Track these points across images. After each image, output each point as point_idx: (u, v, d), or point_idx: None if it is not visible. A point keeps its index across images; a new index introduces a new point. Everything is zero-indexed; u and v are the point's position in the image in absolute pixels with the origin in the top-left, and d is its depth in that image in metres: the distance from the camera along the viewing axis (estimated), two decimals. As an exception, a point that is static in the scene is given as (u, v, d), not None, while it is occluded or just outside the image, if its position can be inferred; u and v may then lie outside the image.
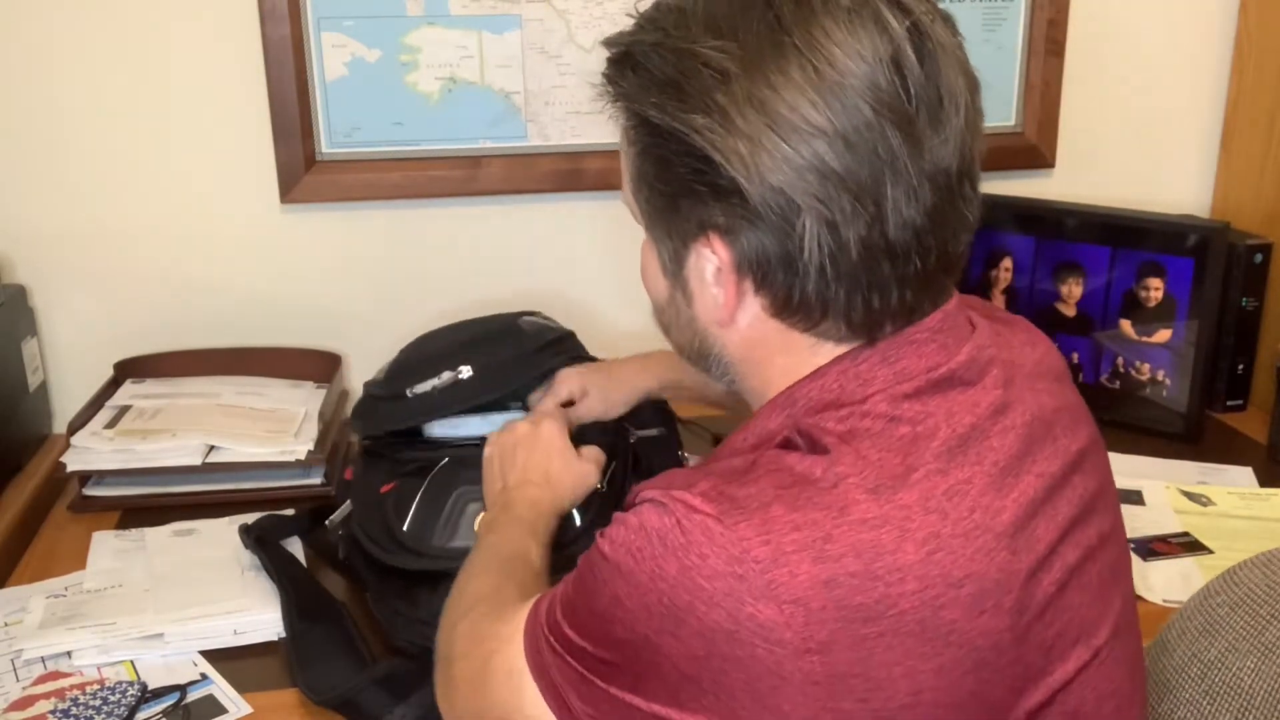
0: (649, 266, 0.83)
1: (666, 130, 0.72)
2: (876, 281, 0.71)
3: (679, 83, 0.71)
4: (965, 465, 0.70)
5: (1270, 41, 1.67)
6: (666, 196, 0.75)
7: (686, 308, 0.80)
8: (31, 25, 1.45)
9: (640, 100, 0.74)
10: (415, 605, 1.06)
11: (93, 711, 1.00)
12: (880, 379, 0.74)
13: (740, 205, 0.71)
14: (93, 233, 1.52)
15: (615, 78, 0.77)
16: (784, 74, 0.69)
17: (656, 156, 0.74)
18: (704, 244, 0.74)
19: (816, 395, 0.75)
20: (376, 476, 1.16)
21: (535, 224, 1.62)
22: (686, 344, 0.83)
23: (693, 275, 0.77)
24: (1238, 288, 1.59)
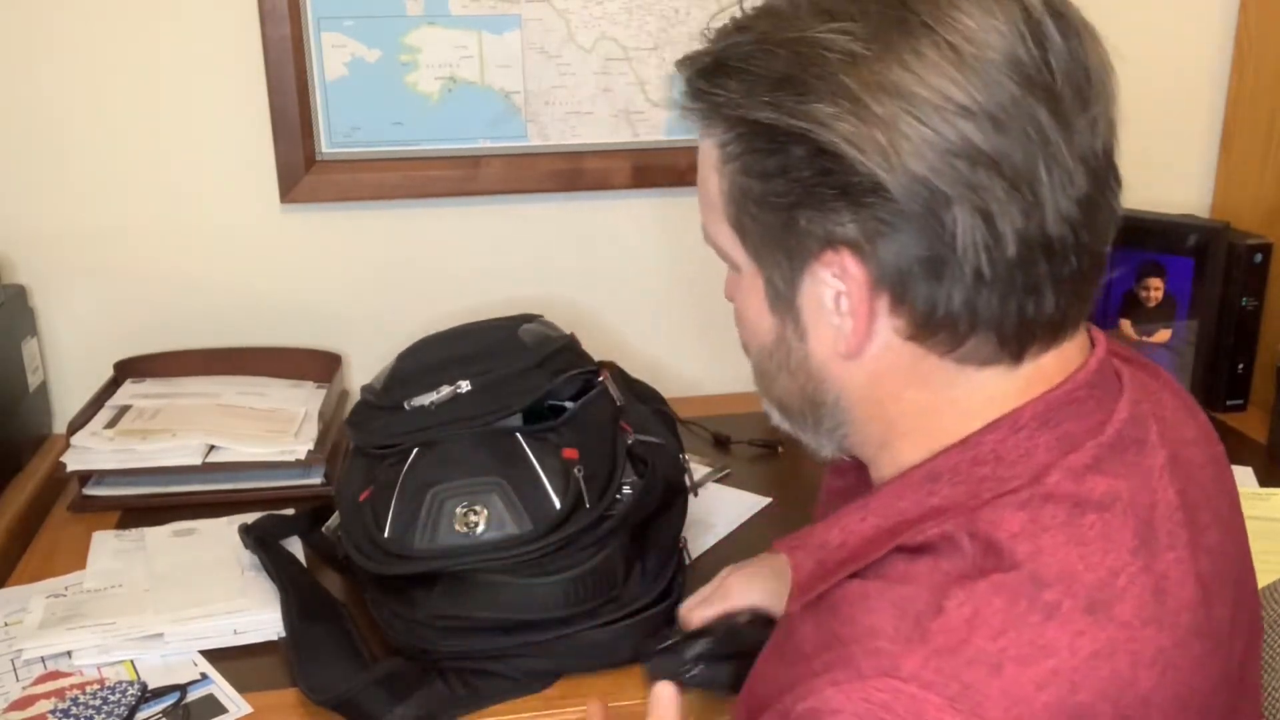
0: (750, 307, 0.72)
1: (784, 130, 0.64)
2: (1032, 283, 0.63)
3: (795, 75, 0.63)
4: (1160, 553, 0.63)
5: (1270, 41, 1.67)
6: (780, 211, 0.66)
7: (799, 345, 0.70)
8: (31, 25, 1.45)
9: (747, 104, 0.65)
10: (413, 606, 1.06)
11: (93, 711, 1.00)
12: (1043, 447, 0.65)
13: (879, 204, 0.62)
14: (93, 233, 1.52)
15: (709, 90, 0.68)
16: (916, 52, 0.61)
17: (767, 167, 0.65)
18: (827, 263, 0.65)
19: (967, 470, 0.66)
20: (355, 481, 1.15)
21: (535, 224, 1.62)
22: (797, 394, 0.72)
23: (808, 303, 0.68)
24: (1238, 288, 1.59)
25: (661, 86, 1.58)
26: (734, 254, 0.71)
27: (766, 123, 0.64)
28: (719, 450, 1.53)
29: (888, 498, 0.68)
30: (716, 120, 0.68)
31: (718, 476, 1.44)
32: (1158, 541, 0.63)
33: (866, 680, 0.59)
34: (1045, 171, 0.62)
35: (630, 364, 1.40)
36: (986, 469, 0.65)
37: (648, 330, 1.68)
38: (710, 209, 0.72)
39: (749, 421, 1.58)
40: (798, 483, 1.43)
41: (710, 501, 1.37)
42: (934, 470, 0.67)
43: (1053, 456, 0.65)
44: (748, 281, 0.71)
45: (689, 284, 1.67)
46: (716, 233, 0.72)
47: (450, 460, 1.10)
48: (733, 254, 0.72)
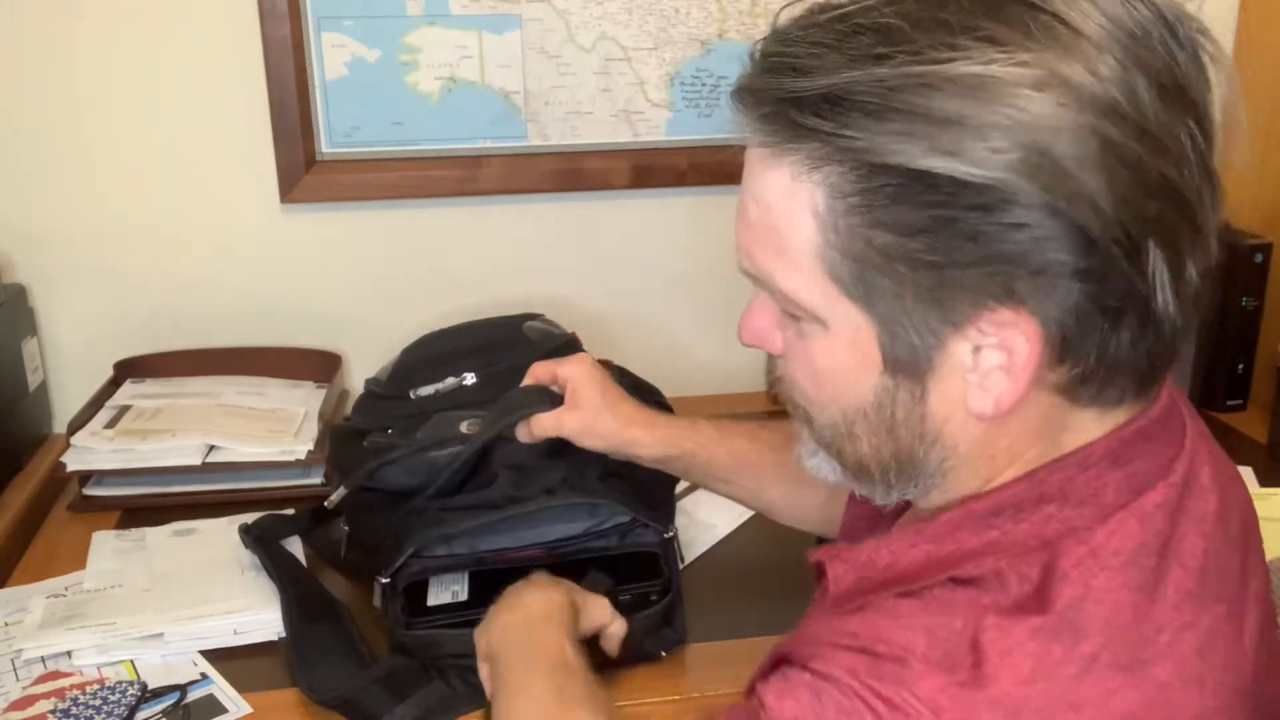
0: (838, 365, 0.64)
1: (960, 181, 0.56)
2: (1178, 328, 0.60)
3: (971, 116, 0.55)
4: (1207, 604, 0.60)
5: (1270, 41, 1.67)
6: (933, 269, 0.58)
7: (915, 405, 0.64)
8: (31, 25, 1.45)
9: (902, 149, 0.56)
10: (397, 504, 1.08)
11: (93, 711, 1.00)
12: (1112, 486, 0.62)
13: (1076, 256, 0.56)
14: (93, 233, 1.52)
15: (833, 130, 0.58)
16: (1095, 74, 0.56)
17: (921, 220, 0.57)
18: (990, 321, 0.59)
19: (1031, 507, 0.63)
20: (354, 443, 1.17)
21: (535, 224, 1.62)
22: (887, 455, 0.66)
23: (948, 363, 0.61)
24: (1238, 288, 1.59)
25: (661, 87, 1.58)
26: (821, 309, 0.63)
27: (928, 171, 0.56)
28: (719, 450, 1.52)
29: (946, 527, 0.65)
30: (831, 165, 0.59)
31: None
32: (1206, 592, 0.61)
33: (882, 680, 0.57)
34: (1208, 201, 0.61)
35: (630, 363, 1.40)
36: (1051, 507, 0.62)
37: (648, 330, 1.68)
38: (785, 257, 0.63)
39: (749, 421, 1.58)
40: (798, 483, 1.43)
41: (710, 501, 1.37)
42: (998, 505, 0.64)
43: (1122, 498, 0.62)
44: (842, 338, 0.63)
45: (689, 284, 1.67)
46: (793, 283, 0.63)
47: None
48: (818, 309, 0.63)
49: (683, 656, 1.09)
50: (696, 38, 1.56)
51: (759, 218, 0.64)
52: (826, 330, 0.64)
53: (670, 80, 1.58)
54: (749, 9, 1.56)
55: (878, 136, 0.57)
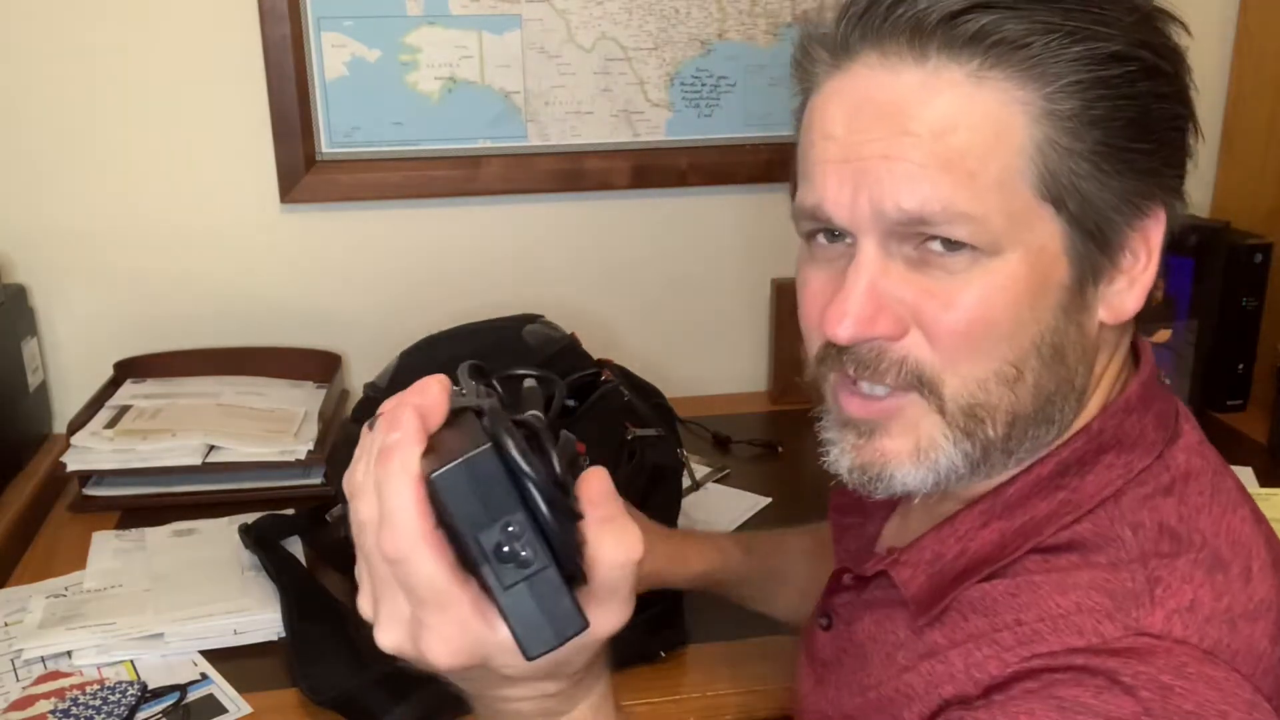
0: (1021, 295, 0.63)
1: (1161, 72, 0.63)
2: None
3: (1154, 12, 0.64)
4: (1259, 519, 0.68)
5: (1270, 41, 1.67)
6: (1138, 159, 0.63)
7: (1081, 327, 0.65)
8: (30, 25, 1.45)
9: (1116, 40, 0.61)
10: None
11: (93, 711, 1.00)
12: (1151, 426, 0.67)
13: (1193, 144, 0.65)
14: (92, 233, 1.52)
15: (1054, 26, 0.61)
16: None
17: (1132, 113, 0.62)
18: (1155, 216, 0.64)
19: (1094, 459, 0.66)
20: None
21: (535, 224, 1.62)
22: (1041, 398, 0.65)
23: (1116, 270, 0.65)
24: (1238, 288, 1.59)
25: (661, 87, 1.58)
26: (1009, 232, 0.62)
27: (1145, 61, 0.61)
28: (719, 450, 1.52)
29: (1016, 498, 0.66)
30: (1057, 61, 0.60)
31: (717, 477, 1.44)
32: (1249, 505, 0.67)
33: (1118, 640, 0.58)
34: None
35: (630, 364, 1.40)
36: (1111, 455, 0.65)
37: (648, 330, 1.68)
38: (979, 178, 0.61)
39: (749, 421, 1.58)
40: (797, 483, 1.43)
41: (710, 501, 1.37)
42: (1063, 463, 0.66)
43: (1160, 435, 0.67)
44: (1024, 262, 0.62)
45: (689, 284, 1.67)
46: (984, 205, 0.61)
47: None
48: (1006, 232, 0.62)
49: (683, 656, 1.09)
50: (696, 38, 1.56)
51: (948, 143, 0.61)
52: (1004, 259, 0.62)
53: (670, 80, 1.58)
54: (749, 9, 1.56)
55: (1096, 29, 0.60)
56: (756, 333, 1.68)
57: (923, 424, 0.66)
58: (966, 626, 0.65)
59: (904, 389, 0.65)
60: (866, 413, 0.67)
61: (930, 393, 0.65)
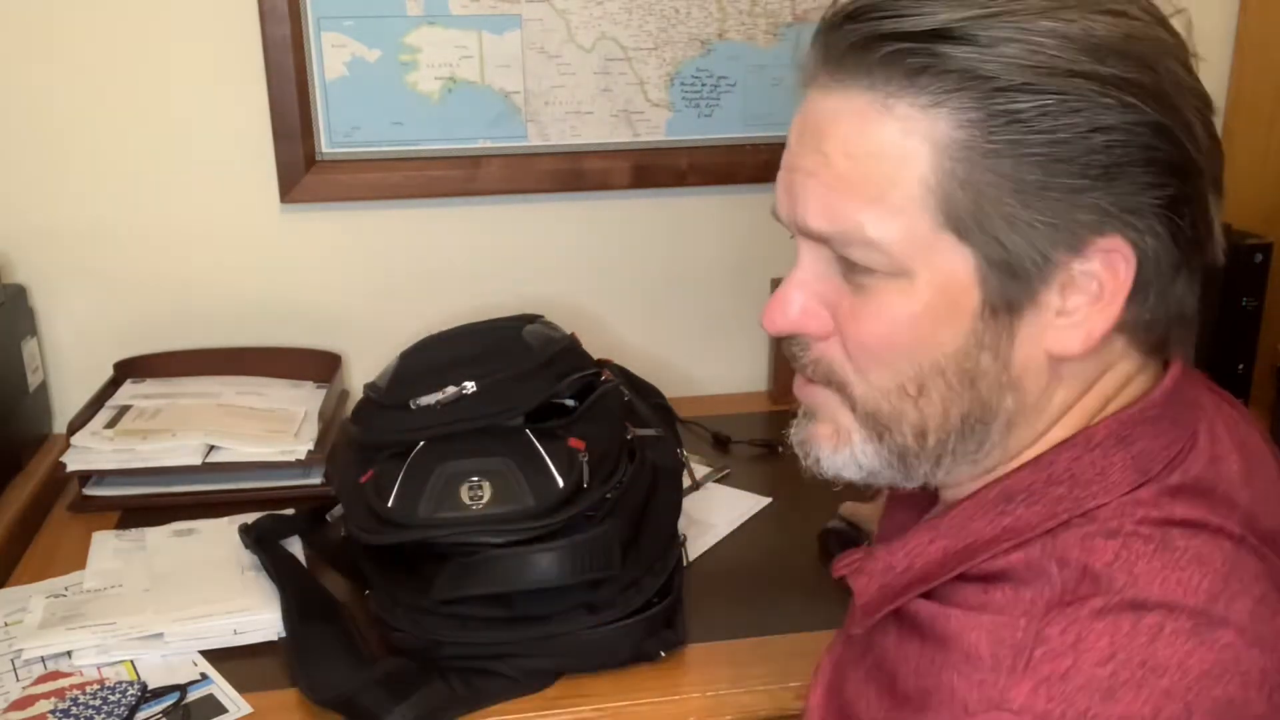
0: (924, 317, 0.64)
1: (1099, 104, 0.59)
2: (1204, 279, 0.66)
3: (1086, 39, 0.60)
4: (1255, 577, 0.62)
5: (1270, 41, 1.67)
6: (1060, 197, 0.60)
7: (997, 357, 0.64)
8: (30, 25, 1.45)
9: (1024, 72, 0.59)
10: (418, 594, 1.06)
11: (93, 711, 1.00)
12: (1118, 466, 0.64)
13: (1188, 186, 0.61)
14: (93, 233, 1.52)
15: (963, 58, 0.60)
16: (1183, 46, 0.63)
17: (1059, 150, 0.59)
18: (1098, 251, 0.61)
19: (1042, 489, 0.64)
20: (353, 467, 1.16)
21: (535, 224, 1.62)
22: (953, 417, 0.66)
23: (1041, 306, 0.63)
24: (1238, 288, 1.59)
25: (661, 87, 1.58)
26: (915, 256, 0.63)
27: (1058, 93, 0.59)
28: (719, 450, 1.52)
29: (959, 519, 0.67)
30: (961, 93, 0.60)
31: (717, 476, 1.44)
32: (1247, 561, 0.63)
33: (974, 718, 0.58)
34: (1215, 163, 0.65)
35: (630, 364, 1.40)
36: (1061, 489, 0.64)
37: (648, 330, 1.68)
38: (882, 202, 0.62)
39: (749, 421, 1.58)
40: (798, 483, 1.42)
41: (710, 501, 1.37)
42: (1008, 490, 0.65)
43: (1129, 477, 0.64)
44: (930, 286, 0.63)
45: (689, 284, 1.67)
46: (887, 230, 0.63)
47: (458, 443, 1.11)
48: (911, 256, 0.63)
49: (683, 656, 1.09)
50: (696, 38, 1.56)
51: (852, 167, 0.63)
52: (911, 281, 0.63)
53: (670, 80, 1.58)
54: (749, 9, 1.56)
55: (1007, 62, 0.59)
56: (756, 333, 1.68)
57: (839, 416, 0.70)
58: (906, 644, 0.67)
59: (821, 384, 0.70)
60: (803, 395, 0.73)
61: (841, 391, 0.69)
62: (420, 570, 1.07)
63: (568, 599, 1.06)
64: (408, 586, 1.07)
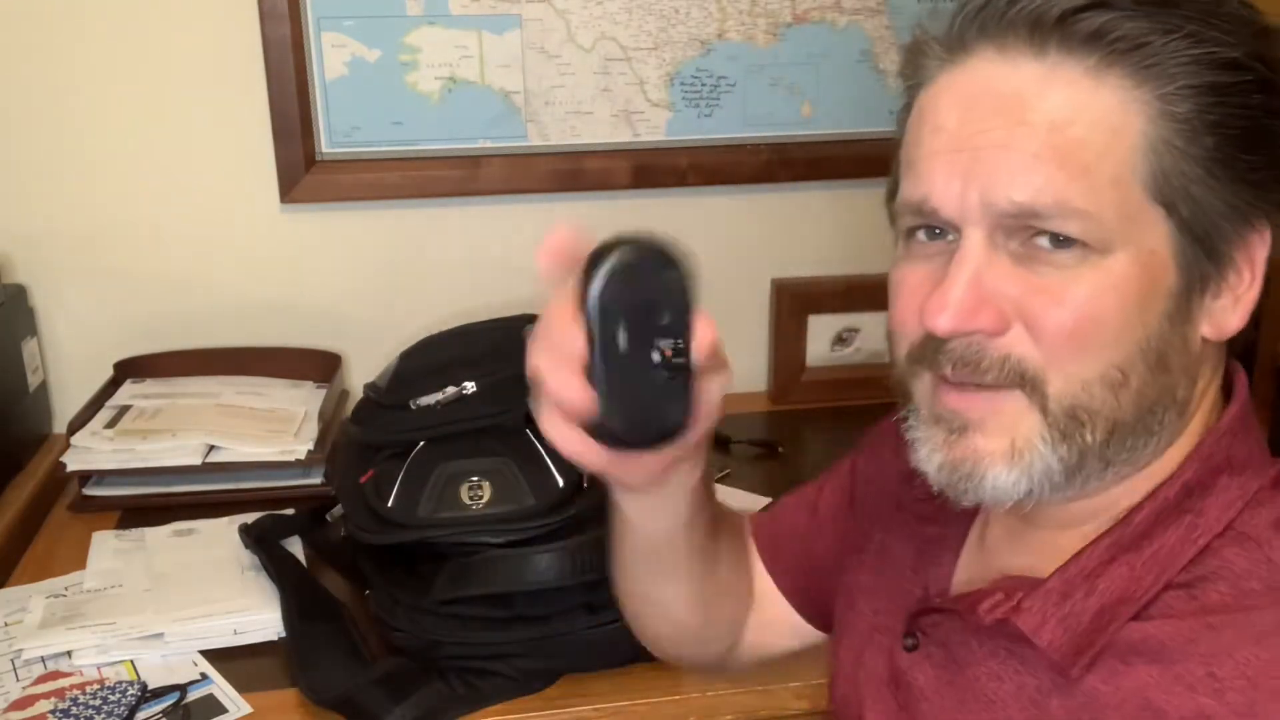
0: (1130, 296, 0.61)
1: (1273, 85, 0.61)
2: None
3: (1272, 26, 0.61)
4: None
5: (1270, 41, 1.67)
6: (1248, 171, 0.61)
7: (1185, 338, 0.64)
8: (31, 25, 1.45)
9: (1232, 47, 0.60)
10: (418, 594, 1.06)
11: (93, 711, 1.00)
12: (1255, 444, 0.68)
13: None
14: (93, 233, 1.52)
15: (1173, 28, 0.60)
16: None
17: (1245, 121, 0.61)
18: (1258, 238, 0.63)
19: (1210, 480, 0.65)
20: (353, 467, 1.16)
21: (535, 224, 1.62)
22: (1142, 408, 0.63)
23: (1223, 283, 0.64)
24: (1238, 288, 1.59)
25: (661, 87, 1.58)
26: (1121, 230, 0.61)
27: (1259, 69, 0.60)
28: (719, 450, 1.52)
29: (1142, 527, 0.64)
30: (1172, 64, 0.60)
31: (717, 477, 1.44)
32: None
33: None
34: None
35: (630, 364, 1.40)
36: (1224, 477, 0.64)
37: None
38: (1093, 174, 0.60)
39: (749, 421, 1.58)
40: (797, 483, 1.42)
41: (710, 501, 1.37)
42: (1186, 486, 0.64)
43: (1265, 458, 0.66)
44: (1134, 262, 0.61)
45: (689, 284, 1.67)
46: (1097, 202, 0.60)
47: (458, 443, 1.11)
48: (1117, 230, 0.61)
49: (683, 656, 1.09)
50: (696, 38, 1.56)
51: (1058, 141, 0.61)
52: (1114, 258, 0.61)
53: (670, 80, 1.58)
54: (749, 9, 1.56)
55: (1215, 34, 0.59)
56: (756, 333, 1.68)
57: (1021, 423, 0.63)
58: (1133, 674, 0.61)
59: (1006, 386, 0.63)
60: (965, 405, 0.64)
61: (1033, 390, 0.63)
62: (420, 570, 1.07)
63: (567, 599, 1.06)
64: (408, 586, 1.07)
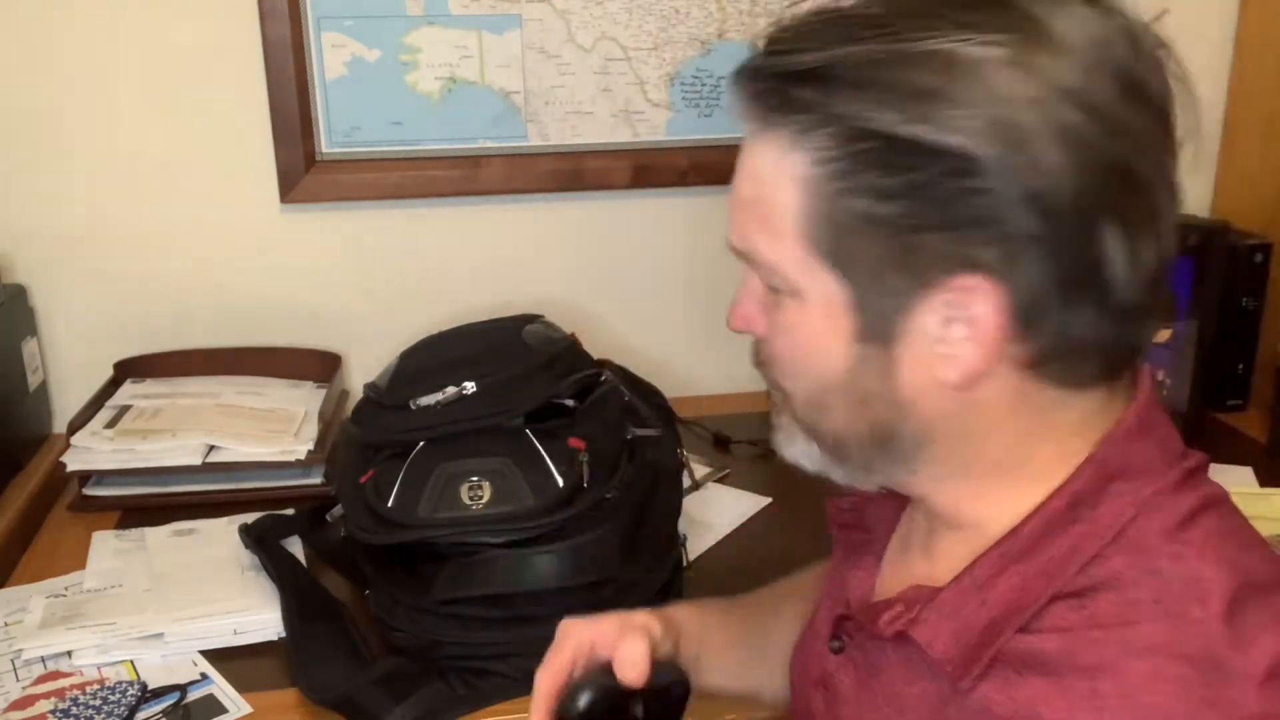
0: (814, 335, 0.67)
1: (925, 146, 0.60)
2: (1144, 310, 0.64)
3: (940, 88, 0.60)
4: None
5: (1270, 41, 1.67)
6: (903, 234, 0.61)
7: (885, 375, 0.65)
8: (31, 26, 1.45)
9: (877, 117, 0.61)
10: (417, 594, 1.06)
11: (93, 711, 1.00)
12: (1155, 452, 0.67)
13: (1029, 223, 0.59)
14: (92, 233, 1.52)
15: (817, 98, 0.63)
16: (1055, 66, 0.60)
17: (893, 186, 0.61)
18: (955, 288, 0.62)
19: (1103, 487, 0.65)
20: (353, 467, 1.16)
21: (535, 224, 1.62)
22: (860, 429, 0.68)
23: (913, 335, 0.64)
24: (1238, 288, 1.59)
25: (661, 87, 1.58)
26: (800, 279, 0.66)
27: (903, 137, 0.60)
28: (719, 450, 1.53)
29: (1030, 538, 0.66)
30: (817, 133, 0.63)
31: (718, 476, 1.44)
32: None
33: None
34: (1165, 195, 0.64)
35: (630, 364, 1.40)
36: (1118, 484, 0.65)
37: (648, 330, 1.68)
38: (769, 227, 0.66)
39: (749, 421, 1.58)
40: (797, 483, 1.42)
41: (710, 502, 1.37)
42: (1074, 496, 0.65)
43: (1166, 460, 0.67)
44: (816, 309, 0.66)
45: (689, 284, 1.67)
46: (775, 253, 0.66)
47: (458, 444, 1.11)
48: (798, 279, 0.66)
49: (683, 656, 1.09)
50: (696, 38, 1.56)
51: (750, 192, 0.68)
52: (803, 301, 0.67)
53: (670, 80, 1.58)
54: (749, 9, 1.56)
55: (858, 105, 0.61)
56: (756, 333, 1.68)
57: (785, 414, 0.75)
58: (1025, 685, 0.63)
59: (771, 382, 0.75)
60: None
61: (781, 392, 0.74)
62: (420, 570, 1.07)
63: (568, 600, 1.06)
64: (408, 586, 1.07)
